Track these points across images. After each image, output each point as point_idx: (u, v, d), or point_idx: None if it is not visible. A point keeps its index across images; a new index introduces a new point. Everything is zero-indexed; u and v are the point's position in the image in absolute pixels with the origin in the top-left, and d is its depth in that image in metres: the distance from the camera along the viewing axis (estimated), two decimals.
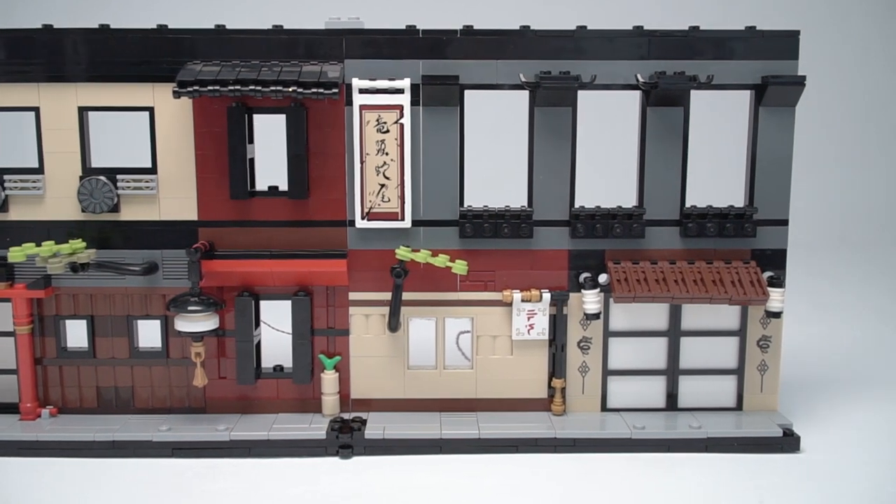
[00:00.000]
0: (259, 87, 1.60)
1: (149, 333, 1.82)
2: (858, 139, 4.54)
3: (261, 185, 1.79)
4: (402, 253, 1.71)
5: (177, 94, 1.61)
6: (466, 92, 1.74)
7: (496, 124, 2.85)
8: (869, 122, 4.55)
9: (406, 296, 1.78)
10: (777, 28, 1.73)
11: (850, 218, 4.33)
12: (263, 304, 1.82)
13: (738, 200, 1.81)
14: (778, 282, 1.76)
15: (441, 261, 1.70)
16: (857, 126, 4.55)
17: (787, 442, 1.73)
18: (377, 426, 1.74)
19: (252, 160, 1.77)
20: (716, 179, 2.20)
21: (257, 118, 1.77)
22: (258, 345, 1.82)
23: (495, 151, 2.97)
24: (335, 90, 1.61)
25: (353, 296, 1.79)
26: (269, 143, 1.90)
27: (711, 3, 3.93)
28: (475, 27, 1.71)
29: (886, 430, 1.84)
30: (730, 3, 3.98)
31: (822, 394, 2.07)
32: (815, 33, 4.20)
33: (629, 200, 1.80)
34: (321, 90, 1.61)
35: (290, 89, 1.60)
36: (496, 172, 2.60)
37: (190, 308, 1.68)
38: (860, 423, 1.88)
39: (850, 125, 4.54)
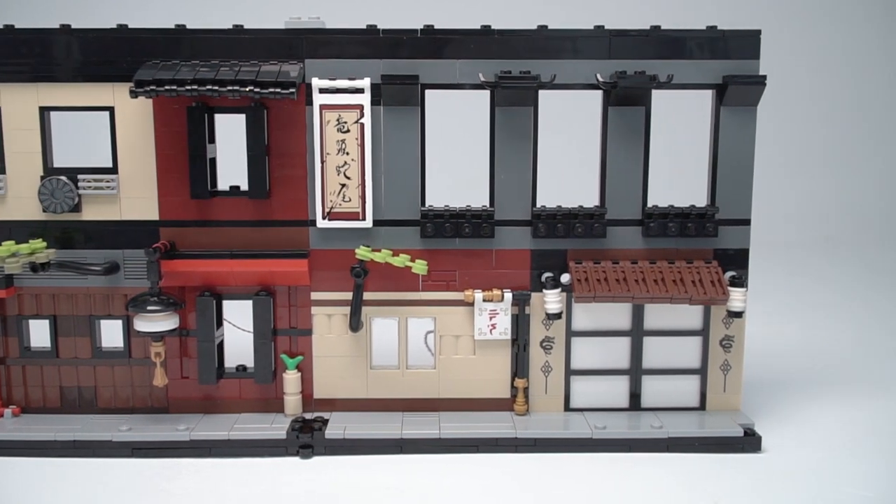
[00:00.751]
0: (216, 87, 1.60)
1: (111, 333, 1.82)
2: (838, 138, 4.56)
3: (223, 184, 1.79)
4: (362, 253, 1.71)
5: (133, 94, 1.61)
6: (427, 91, 1.74)
7: (458, 124, 2.84)
8: (839, 121, 4.58)
9: (368, 296, 1.78)
10: (738, 28, 1.73)
11: (819, 218, 4.36)
12: (226, 303, 1.81)
13: (702, 200, 1.81)
14: (739, 281, 1.76)
15: (400, 261, 1.70)
16: (833, 125, 4.58)
17: (749, 442, 1.73)
18: (338, 426, 1.74)
19: (213, 160, 1.77)
20: (679, 179, 2.21)
21: (220, 118, 1.77)
22: (221, 345, 1.81)
23: (457, 151, 2.97)
24: (292, 90, 1.61)
25: (315, 295, 1.79)
26: (232, 143, 1.90)
27: (674, 2, 3.91)
28: (435, 27, 1.71)
29: (848, 431, 1.84)
30: (692, 2, 3.96)
31: (788, 394, 2.07)
32: (781, 33, 4.31)
33: (592, 200, 1.80)
34: (278, 90, 1.60)
35: (247, 89, 1.60)
36: (458, 172, 2.60)
37: (149, 308, 1.68)
38: (823, 424, 1.88)
39: (823, 124, 4.56)
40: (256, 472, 1.64)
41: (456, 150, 2.96)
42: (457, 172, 2.61)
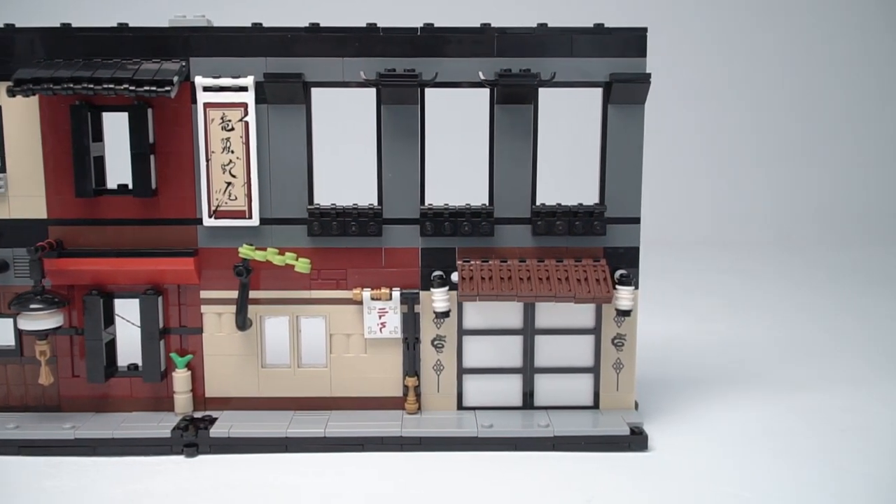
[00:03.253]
0: (92, 85, 1.60)
1: (3, 332, 1.81)
2: (733, 135, 4.65)
3: (113, 183, 1.79)
4: (245, 251, 1.71)
5: (10, 93, 1.60)
6: (314, 90, 1.73)
7: (347, 122, 2.83)
8: (735, 119, 4.72)
9: (259, 294, 1.78)
10: (625, 25, 1.73)
11: (715, 216, 4.48)
12: (117, 302, 1.81)
13: (594, 199, 1.80)
14: (628, 280, 1.75)
15: (280, 259, 1.70)
16: (729, 122, 4.67)
17: (635, 440, 1.73)
18: (224, 425, 1.74)
19: (101, 158, 1.77)
20: (572, 177, 2.20)
21: (109, 116, 1.77)
22: (111, 343, 1.81)
23: (347, 149, 2.97)
24: (168, 88, 1.60)
25: (204, 294, 1.79)
26: (123, 142, 1.89)
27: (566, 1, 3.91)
28: (321, 24, 1.71)
29: (742, 431, 1.84)
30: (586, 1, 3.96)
31: (689, 393, 2.06)
32: (677, 31, 4.42)
33: (482, 199, 1.79)
34: (154, 88, 1.60)
35: (123, 87, 1.60)
36: (348, 171, 2.60)
37: (31, 307, 1.68)
38: (717, 423, 1.88)
39: (720, 121, 4.68)
40: (136, 471, 1.64)
41: (346, 149, 2.97)
42: (346, 171, 2.61)
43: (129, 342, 1.86)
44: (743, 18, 4.75)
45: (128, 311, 1.83)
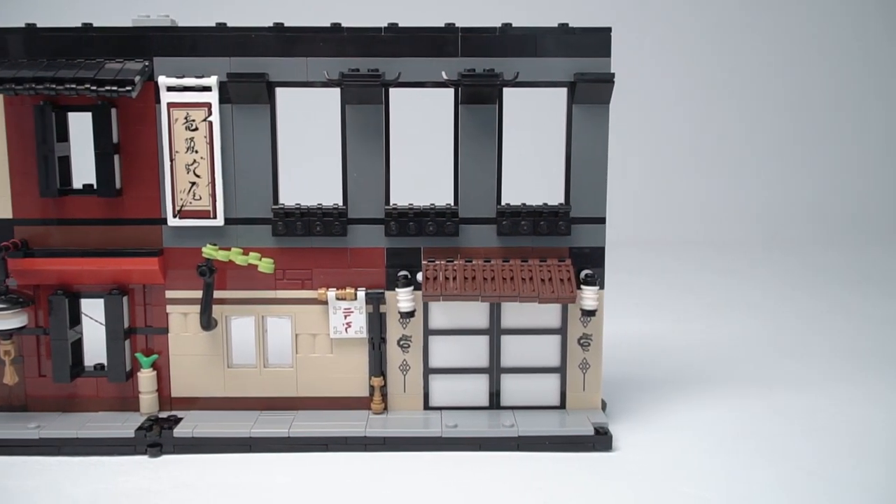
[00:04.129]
0: (54, 85, 1.60)
1: None
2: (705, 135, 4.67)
3: (79, 182, 1.78)
4: (208, 251, 1.71)
5: None
6: (278, 89, 1.73)
7: (313, 122, 2.83)
8: (705, 118, 4.76)
9: (225, 294, 1.78)
10: (589, 25, 1.72)
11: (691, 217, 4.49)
12: (84, 302, 1.81)
13: (560, 199, 1.80)
14: (592, 280, 1.75)
15: (243, 259, 1.70)
16: (700, 122, 4.70)
17: (599, 440, 1.72)
18: (189, 424, 1.74)
19: (66, 158, 1.77)
20: (537, 178, 2.20)
21: (75, 116, 1.77)
22: (78, 343, 1.81)
23: (313, 149, 2.97)
24: (129, 88, 1.60)
25: (169, 294, 1.79)
26: (89, 142, 1.89)
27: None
28: (285, 24, 1.71)
29: (706, 431, 1.83)
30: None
31: (659, 393, 2.06)
32: (652, 32, 4.44)
33: (448, 198, 1.79)
34: (115, 88, 1.60)
35: (84, 87, 1.60)
36: (314, 170, 2.60)
37: None
38: (683, 424, 1.87)
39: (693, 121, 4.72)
40: (100, 471, 1.64)
41: (311, 149, 2.97)
42: (311, 171, 2.61)
43: (95, 342, 1.86)
44: (735, 16, 4.76)
45: (94, 311, 1.84)
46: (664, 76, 4.65)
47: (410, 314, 1.75)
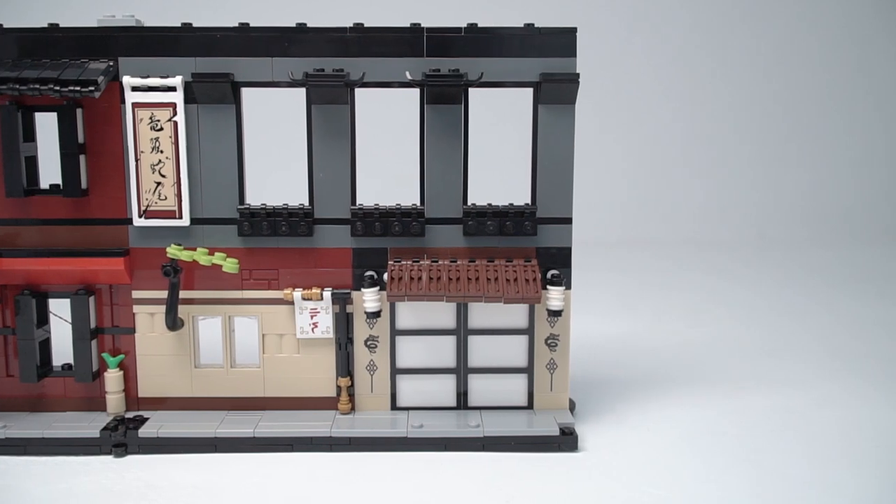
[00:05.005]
0: (17, 86, 1.60)
1: None
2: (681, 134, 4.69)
3: (46, 182, 1.78)
4: (172, 251, 1.71)
5: None
6: (244, 89, 1.74)
7: (279, 122, 2.82)
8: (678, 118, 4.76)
9: (191, 294, 1.78)
10: (555, 25, 1.72)
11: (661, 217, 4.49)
12: (52, 302, 1.81)
13: (526, 199, 1.80)
14: (559, 280, 1.75)
15: (207, 259, 1.70)
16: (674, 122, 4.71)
17: (565, 441, 1.72)
18: (154, 425, 1.74)
19: (33, 158, 1.77)
20: (505, 178, 2.20)
21: (42, 116, 1.77)
22: (46, 343, 1.81)
23: (279, 149, 2.97)
24: (92, 88, 1.61)
25: (136, 294, 1.79)
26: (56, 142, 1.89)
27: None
28: (250, 24, 1.71)
29: (674, 432, 1.83)
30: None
31: (630, 393, 2.06)
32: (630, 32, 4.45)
33: (414, 199, 1.79)
34: (78, 88, 1.60)
35: (48, 87, 1.60)
36: (280, 170, 2.60)
37: None
38: (652, 424, 1.87)
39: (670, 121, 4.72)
40: (64, 471, 1.64)
41: (277, 149, 2.96)
42: (277, 171, 2.61)
43: (64, 342, 1.86)
44: (726, 13, 4.76)
45: (62, 312, 1.83)
46: (653, 74, 4.64)
47: (376, 314, 1.75)
